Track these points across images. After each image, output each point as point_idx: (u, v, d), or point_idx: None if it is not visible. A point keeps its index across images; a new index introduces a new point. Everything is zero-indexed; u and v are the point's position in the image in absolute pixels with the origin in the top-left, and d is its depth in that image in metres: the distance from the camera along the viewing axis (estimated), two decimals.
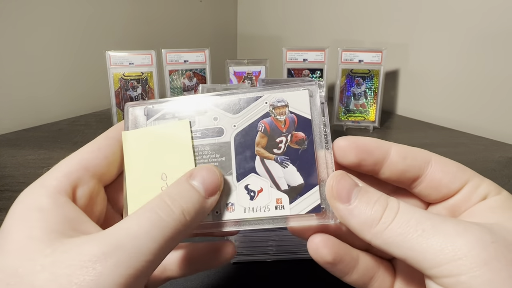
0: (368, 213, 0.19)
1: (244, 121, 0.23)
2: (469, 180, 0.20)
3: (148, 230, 0.17)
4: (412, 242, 0.17)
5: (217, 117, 0.23)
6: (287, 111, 0.22)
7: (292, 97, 0.22)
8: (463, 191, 0.21)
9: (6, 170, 0.56)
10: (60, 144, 0.67)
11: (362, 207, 0.19)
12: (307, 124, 0.22)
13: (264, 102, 0.23)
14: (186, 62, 0.77)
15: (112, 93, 0.73)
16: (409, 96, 0.87)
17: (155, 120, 0.23)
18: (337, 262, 0.21)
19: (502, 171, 0.58)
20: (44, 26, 0.78)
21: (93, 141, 0.22)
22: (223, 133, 0.23)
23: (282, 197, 0.22)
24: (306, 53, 0.77)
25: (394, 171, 0.21)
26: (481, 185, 0.20)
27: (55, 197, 0.19)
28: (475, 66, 0.75)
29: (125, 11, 0.92)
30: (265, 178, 0.22)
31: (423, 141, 0.70)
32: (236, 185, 0.22)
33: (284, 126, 0.22)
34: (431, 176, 0.21)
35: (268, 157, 0.22)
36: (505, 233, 0.17)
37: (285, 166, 0.22)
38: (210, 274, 0.35)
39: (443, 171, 0.21)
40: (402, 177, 0.21)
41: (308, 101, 0.22)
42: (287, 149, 0.22)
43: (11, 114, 0.76)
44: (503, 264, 0.16)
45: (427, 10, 0.80)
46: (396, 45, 0.85)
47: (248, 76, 0.77)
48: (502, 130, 0.73)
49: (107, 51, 0.72)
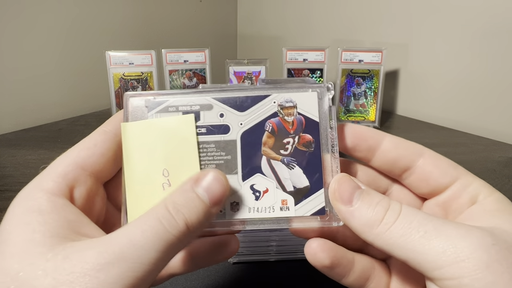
0: (370, 214, 0.19)
1: (251, 120, 0.22)
2: (460, 177, 0.21)
3: (151, 240, 0.17)
4: (414, 244, 0.17)
5: (224, 114, 0.22)
6: (295, 112, 0.22)
7: (301, 98, 0.22)
8: (453, 188, 0.21)
9: (6, 170, 0.56)
10: (60, 144, 0.67)
11: (363, 208, 0.19)
12: (315, 126, 0.22)
13: (272, 102, 0.22)
14: (186, 62, 0.77)
15: (112, 93, 0.73)
16: (409, 96, 0.87)
17: (157, 112, 0.22)
18: (335, 265, 0.21)
19: (502, 171, 0.58)
20: (44, 26, 0.78)
21: (89, 136, 0.22)
22: (229, 131, 0.22)
23: (287, 199, 0.22)
24: (306, 53, 0.77)
25: (386, 159, 0.22)
26: (472, 183, 0.21)
27: (54, 200, 0.19)
28: (475, 66, 0.75)
29: (125, 11, 0.92)
30: (271, 179, 0.22)
31: (423, 141, 0.70)
32: (241, 185, 0.22)
33: (292, 127, 0.22)
34: (422, 168, 0.21)
35: (275, 157, 0.22)
36: (506, 236, 0.17)
37: (292, 168, 0.22)
38: (210, 274, 0.35)
39: (434, 164, 0.21)
40: (394, 166, 0.22)
41: (316, 103, 0.22)
42: (294, 150, 0.22)
43: (11, 114, 0.76)
44: (505, 266, 0.16)
45: (427, 10, 0.80)
46: (396, 45, 0.85)
47: (248, 76, 0.77)
48: (502, 130, 0.73)
49: (107, 51, 0.72)
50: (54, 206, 0.18)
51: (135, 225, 0.18)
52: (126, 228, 0.18)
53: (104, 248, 0.17)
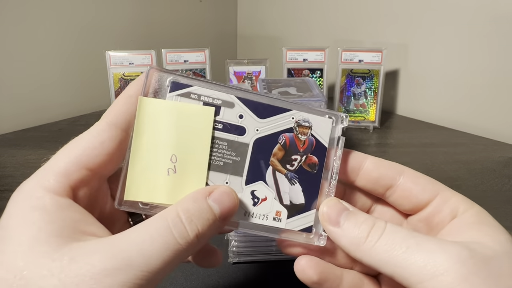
0: (356, 233, 0.20)
1: (268, 129, 0.23)
2: (439, 192, 0.22)
3: (160, 250, 0.17)
4: (398, 259, 0.18)
5: (243, 116, 0.22)
6: (309, 132, 0.23)
7: (317, 121, 0.23)
8: (434, 203, 0.22)
9: (6, 170, 0.56)
10: (60, 144, 0.66)
11: (350, 228, 0.20)
12: (323, 151, 0.23)
13: (291, 117, 0.23)
14: (186, 62, 0.77)
15: (112, 93, 0.73)
16: (409, 96, 0.87)
17: (177, 95, 0.21)
18: (323, 281, 0.22)
19: (502, 171, 0.58)
20: (44, 26, 0.78)
21: (94, 131, 0.20)
22: (245, 133, 0.22)
23: (282, 211, 0.23)
24: (306, 53, 0.77)
25: (369, 179, 0.23)
26: (451, 198, 0.22)
27: (58, 199, 0.18)
28: (475, 66, 0.75)
29: (125, 11, 0.92)
30: (271, 189, 0.23)
31: (423, 141, 0.70)
32: (243, 188, 0.22)
33: (303, 146, 0.23)
34: (403, 186, 0.23)
35: (280, 170, 0.23)
36: (483, 249, 0.18)
37: (293, 184, 0.23)
38: (211, 274, 0.35)
39: (414, 182, 0.23)
40: (377, 185, 0.23)
41: (330, 129, 0.23)
42: (299, 168, 0.23)
43: (11, 114, 0.76)
44: (482, 278, 0.17)
45: (427, 10, 0.80)
46: (396, 45, 0.85)
47: (248, 76, 0.77)
48: (502, 130, 0.73)
49: (107, 51, 0.72)
50: (58, 206, 0.18)
51: (145, 231, 0.18)
52: (135, 233, 0.18)
53: (111, 253, 0.17)
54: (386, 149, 0.68)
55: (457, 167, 0.58)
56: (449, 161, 0.60)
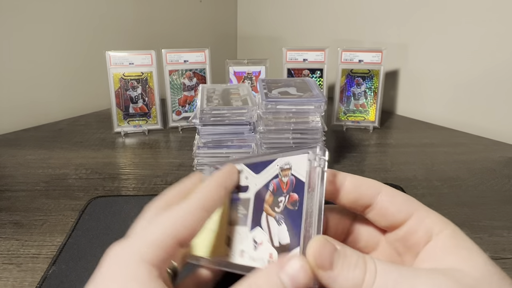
0: (350, 278, 0.20)
1: (262, 181, 0.25)
2: (414, 212, 0.23)
3: None
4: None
5: (247, 177, 0.27)
6: (290, 173, 0.24)
7: (295, 160, 0.24)
8: (410, 223, 0.23)
9: (6, 170, 0.56)
10: (60, 144, 0.67)
11: (344, 273, 0.20)
12: (301, 186, 0.23)
13: (276, 165, 0.25)
14: (186, 62, 0.77)
15: (112, 93, 0.73)
16: (409, 96, 0.87)
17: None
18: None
19: (502, 171, 0.58)
20: (44, 26, 0.78)
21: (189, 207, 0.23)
22: (247, 190, 0.26)
23: (273, 253, 0.23)
24: (306, 53, 0.77)
25: (348, 198, 0.24)
26: (426, 219, 0.22)
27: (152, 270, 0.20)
28: (475, 66, 0.75)
29: (125, 11, 0.92)
30: (265, 233, 0.24)
31: (423, 141, 0.70)
32: (248, 235, 0.25)
33: (286, 187, 0.24)
34: (380, 205, 0.23)
35: (271, 214, 0.24)
36: (467, 280, 0.19)
37: (280, 224, 0.23)
38: None
39: (390, 201, 0.23)
40: (356, 204, 0.24)
41: (306, 164, 0.23)
42: (284, 208, 0.23)
43: (11, 114, 0.76)
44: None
45: (427, 10, 0.80)
46: (396, 45, 0.85)
47: (248, 76, 0.77)
48: (502, 130, 0.73)
49: (107, 51, 0.72)
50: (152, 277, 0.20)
51: None
52: None
53: None
54: (386, 149, 0.68)
55: (457, 167, 0.58)
56: (449, 161, 0.60)
